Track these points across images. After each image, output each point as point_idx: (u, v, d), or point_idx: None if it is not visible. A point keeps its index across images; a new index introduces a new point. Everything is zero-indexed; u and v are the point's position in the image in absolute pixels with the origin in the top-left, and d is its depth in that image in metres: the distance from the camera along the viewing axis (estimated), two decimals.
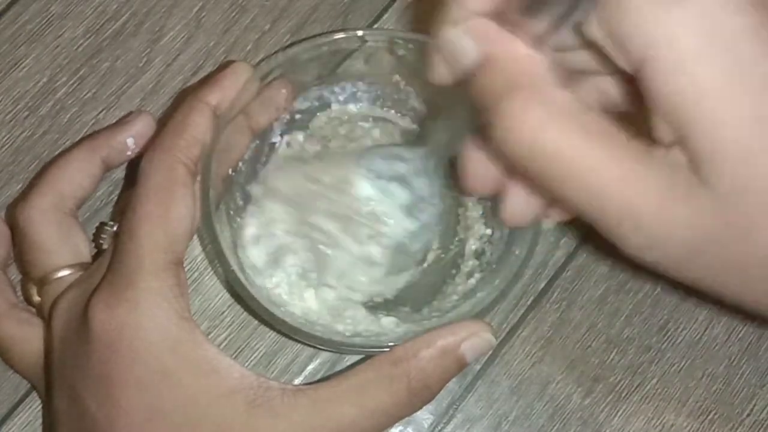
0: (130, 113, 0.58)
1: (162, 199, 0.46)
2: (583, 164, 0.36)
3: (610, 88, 0.43)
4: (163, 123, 0.58)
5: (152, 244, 0.45)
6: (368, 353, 0.49)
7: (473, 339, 0.47)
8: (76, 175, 0.53)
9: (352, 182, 0.52)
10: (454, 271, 0.55)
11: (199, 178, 0.48)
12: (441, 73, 0.41)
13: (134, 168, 0.51)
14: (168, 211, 0.46)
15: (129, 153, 0.55)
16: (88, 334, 0.45)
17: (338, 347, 0.49)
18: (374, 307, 0.54)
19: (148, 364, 0.45)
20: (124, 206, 0.50)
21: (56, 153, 0.59)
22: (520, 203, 0.44)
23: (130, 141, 0.55)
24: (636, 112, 0.39)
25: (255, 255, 0.53)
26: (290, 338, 0.54)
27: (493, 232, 0.56)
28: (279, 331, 0.53)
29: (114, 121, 0.59)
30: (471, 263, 0.55)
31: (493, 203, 0.52)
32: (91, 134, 0.58)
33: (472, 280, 0.54)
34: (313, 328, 0.50)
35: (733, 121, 0.34)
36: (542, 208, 0.44)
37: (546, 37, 0.37)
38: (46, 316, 0.51)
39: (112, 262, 0.47)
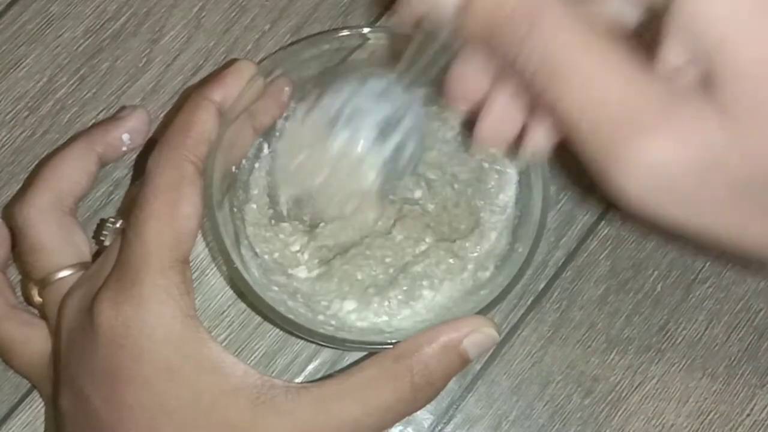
0: (124, 108, 0.58)
1: (169, 197, 0.46)
2: (587, 65, 0.35)
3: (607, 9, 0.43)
4: (164, 123, 0.58)
5: (159, 241, 0.45)
6: (371, 350, 0.49)
7: (475, 335, 0.47)
8: (74, 173, 0.53)
9: (326, 146, 0.51)
10: None
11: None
12: (411, 11, 0.41)
13: (140, 165, 0.51)
14: (175, 209, 0.46)
15: (124, 149, 0.55)
16: (94, 331, 0.45)
17: (341, 345, 0.49)
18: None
19: (153, 362, 0.45)
20: (129, 204, 0.50)
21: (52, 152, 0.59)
22: (498, 120, 0.43)
23: (125, 137, 0.55)
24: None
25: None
26: (293, 335, 0.54)
27: None
28: (282, 328, 0.53)
29: None
30: None
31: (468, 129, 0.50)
32: (86, 131, 0.58)
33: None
34: (317, 326, 0.49)
35: (759, 41, 0.33)
36: (518, 130, 0.44)
37: None
38: (48, 316, 0.51)
39: (118, 259, 0.47)
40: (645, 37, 0.39)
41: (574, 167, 0.59)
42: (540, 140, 0.44)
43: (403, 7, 0.42)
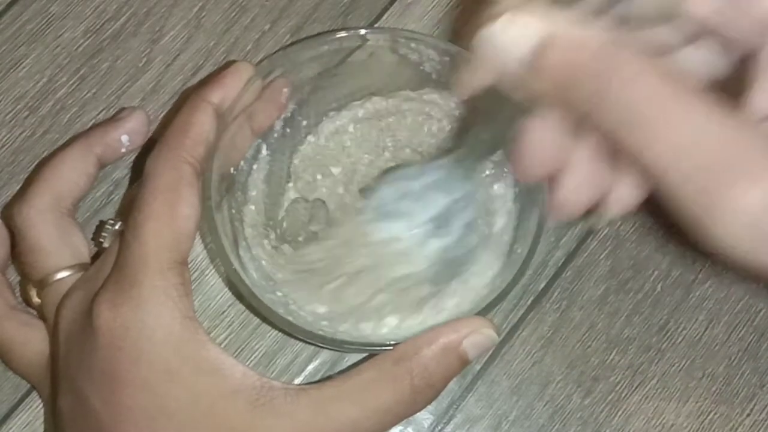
0: (123, 109, 0.58)
1: (168, 199, 0.46)
2: (674, 111, 0.34)
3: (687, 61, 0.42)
4: (164, 123, 0.58)
5: (157, 243, 0.45)
6: (370, 352, 0.49)
7: (475, 336, 0.47)
8: (72, 175, 0.53)
9: (364, 233, 0.52)
10: None
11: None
12: (476, 78, 0.40)
13: (139, 167, 0.51)
14: (174, 210, 0.46)
15: (123, 150, 0.55)
16: (93, 333, 0.45)
17: (340, 346, 0.49)
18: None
19: (152, 364, 0.45)
20: (127, 205, 0.50)
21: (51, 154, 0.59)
22: (577, 186, 0.42)
23: (124, 138, 0.55)
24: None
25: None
26: (292, 337, 0.54)
27: None
28: (281, 330, 0.53)
29: None
30: None
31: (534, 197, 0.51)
32: (85, 132, 0.58)
33: None
34: (315, 327, 0.49)
35: None
36: (598, 195, 0.42)
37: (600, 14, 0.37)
38: (47, 317, 0.51)
39: (117, 260, 0.47)
40: (728, 88, 0.39)
41: None
42: (625, 199, 0.42)
43: (467, 76, 0.41)
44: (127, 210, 0.48)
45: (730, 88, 0.38)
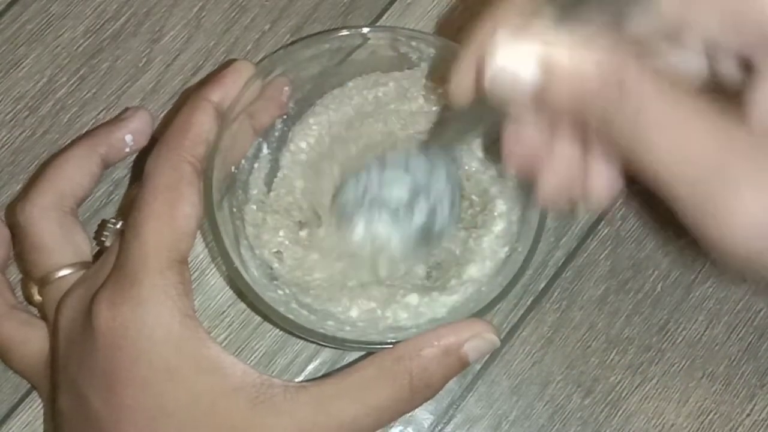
0: (127, 109, 0.58)
1: (168, 198, 0.46)
2: (680, 122, 0.35)
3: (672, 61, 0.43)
4: (164, 123, 0.58)
5: (157, 242, 0.45)
6: (371, 350, 0.48)
7: (476, 340, 0.47)
8: (76, 174, 0.53)
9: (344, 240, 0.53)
10: None
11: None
12: (466, 90, 0.42)
13: (139, 166, 0.51)
14: (174, 209, 0.46)
15: (127, 150, 0.55)
16: (93, 332, 0.45)
17: (341, 344, 0.49)
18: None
19: (152, 363, 0.45)
20: (128, 205, 0.50)
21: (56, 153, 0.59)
22: (563, 177, 0.43)
23: (128, 138, 0.55)
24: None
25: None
26: (293, 335, 0.54)
27: None
28: (282, 328, 0.53)
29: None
30: None
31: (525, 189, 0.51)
32: (89, 132, 0.58)
33: None
34: (316, 325, 0.49)
35: None
36: (580, 185, 0.43)
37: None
38: (48, 315, 0.51)
39: (117, 260, 0.47)
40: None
41: None
42: (605, 187, 0.43)
43: (459, 81, 0.42)
44: (128, 209, 0.48)
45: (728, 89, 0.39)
